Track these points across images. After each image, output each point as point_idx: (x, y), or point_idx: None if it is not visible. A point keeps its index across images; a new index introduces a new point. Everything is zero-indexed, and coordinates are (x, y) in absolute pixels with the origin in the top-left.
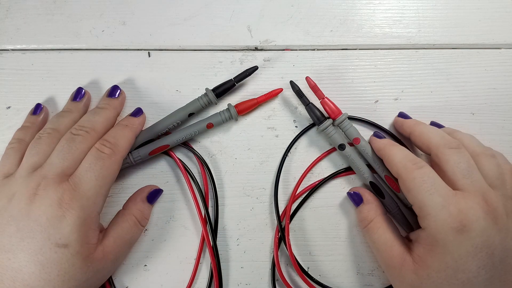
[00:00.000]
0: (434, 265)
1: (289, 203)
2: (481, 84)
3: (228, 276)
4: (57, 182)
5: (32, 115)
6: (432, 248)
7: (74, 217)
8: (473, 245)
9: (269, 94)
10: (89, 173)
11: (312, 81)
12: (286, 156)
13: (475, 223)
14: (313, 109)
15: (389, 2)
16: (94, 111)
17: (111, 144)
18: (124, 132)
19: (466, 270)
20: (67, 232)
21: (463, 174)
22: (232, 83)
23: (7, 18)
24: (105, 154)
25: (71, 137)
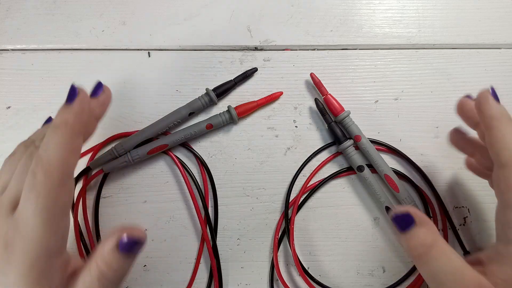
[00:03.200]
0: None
1: (299, 194)
2: (481, 84)
3: (228, 276)
4: (6, 213)
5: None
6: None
7: (17, 262)
8: None
9: (269, 97)
10: (26, 208)
11: (316, 77)
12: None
13: None
14: (335, 128)
15: (389, 2)
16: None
17: (44, 163)
18: (55, 138)
19: None
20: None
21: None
22: (232, 84)
23: (7, 18)
24: (37, 181)
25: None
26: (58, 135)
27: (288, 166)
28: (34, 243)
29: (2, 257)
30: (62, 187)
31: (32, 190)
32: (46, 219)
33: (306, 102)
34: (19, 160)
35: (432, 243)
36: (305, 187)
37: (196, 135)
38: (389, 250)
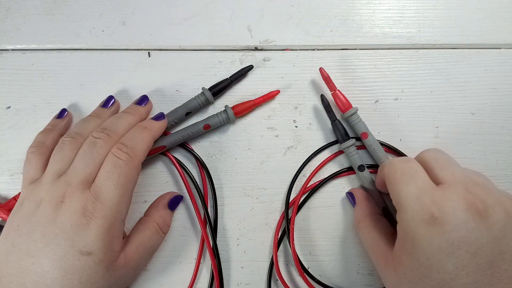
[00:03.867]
0: (407, 262)
1: (299, 194)
2: (481, 84)
3: (228, 276)
4: (80, 189)
5: (56, 119)
6: (404, 243)
7: (97, 226)
8: (448, 240)
9: (266, 96)
10: (108, 182)
11: (325, 72)
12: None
13: (451, 215)
14: (338, 126)
15: (389, 2)
16: (117, 115)
17: (128, 148)
18: (142, 134)
19: (441, 270)
20: (91, 240)
21: (442, 167)
22: (228, 82)
23: (7, 18)
24: (122, 161)
25: (92, 141)
26: (145, 133)
27: (288, 166)
28: (112, 210)
29: (81, 222)
30: (137, 169)
31: (116, 168)
32: (123, 192)
33: (306, 102)
34: (71, 150)
35: (361, 218)
36: (305, 187)
37: (194, 136)
38: None
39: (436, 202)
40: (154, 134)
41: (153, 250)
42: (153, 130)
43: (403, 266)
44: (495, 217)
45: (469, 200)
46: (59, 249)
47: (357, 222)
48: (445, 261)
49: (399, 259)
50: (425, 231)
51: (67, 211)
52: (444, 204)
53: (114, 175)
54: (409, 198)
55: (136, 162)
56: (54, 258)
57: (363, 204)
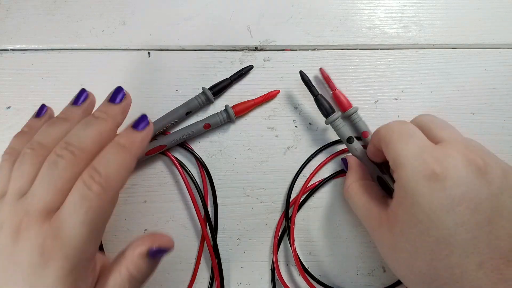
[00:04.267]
0: (405, 219)
1: (299, 194)
2: (481, 84)
3: (228, 276)
4: (39, 221)
5: (33, 118)
6: (402, 200)
7: (56, 267)
8: (449, 196)
9: (266, 96)
10: (73, 218)
11: (325, 72)
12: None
13: (452, 170)
14: (321, 100)
15: (389, 2)
16: (86, 122)
17: (101, 177)
18: (120, 157)
19: (440, 226)
20: (50, 284)
21: (441, 127)
22: (228, 82)
23: (7, 18)
24: (93, 193)
25: (53, 161)
26: (123, 154)
27: (288, 166)
28: (76, 250)
29: (39, 262)
30: (112, 202)
31: (84, 201)
32: (91, 230)
33: (306, 102)
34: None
35: (350, 183)
36: (305, 186)
37: (194, 135)
38: None
39: (437, 159)
40: (135, 153)
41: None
42: (133, 149)
43: (400, 224)
44: (493, 174)
45: (469, 156)
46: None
47: (347, 188)
48: (445, 217)
49: (395, 218)
50: (426, 188)
51: (24, 246)
52: (445, 161)
53: (81, 209)
54: (409, 156)
55: (111, 194)
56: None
57: (353, 169)
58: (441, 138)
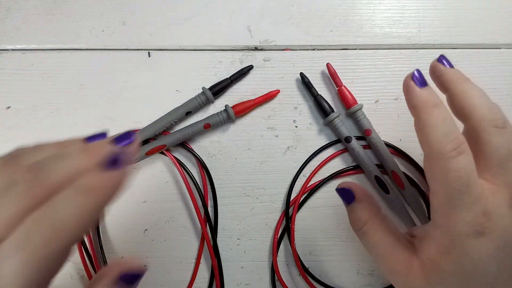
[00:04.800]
0: (448, 269)
1: (300, 193)
2: (481, 84)
3: (228, 276)
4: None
5: None
6: (447, 251)
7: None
8: (495, 246)
9: (266, 96)
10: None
11: (332, 67)
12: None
13: (499, 223)
14: (321, 100)
15: (389, 2)
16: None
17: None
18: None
19: (486, 273)
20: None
21: (500, 162)
22: (228, 82)
23: (7, 18)
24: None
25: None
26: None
27: (288, 166)
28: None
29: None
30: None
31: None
32: (29, 284)
33: (306, 102)
34: None
35: (367, 219)
36: (306, 186)
37: (194, 135)
38: None
39: (487, 213)
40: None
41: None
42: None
43: (441, 272)
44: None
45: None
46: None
47: (363, 224)
48: (491, 264)
49: (435, 266)
50: (475, 241)
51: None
52: (493, 214)
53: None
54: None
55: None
56: None
57: (369, 202)
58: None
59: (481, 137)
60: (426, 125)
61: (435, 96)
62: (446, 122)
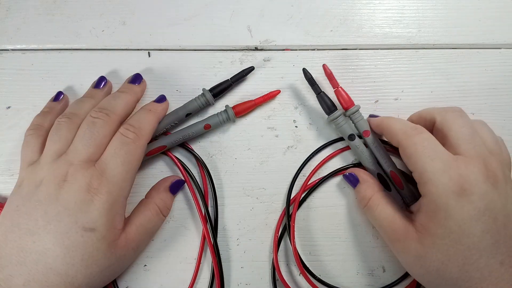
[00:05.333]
0: (437, 231)
1: (300, 191)
2: (481, 84)
3: (228, 276)
4: (84, 168)
5: (52, 101)
6: (434, 215)
7: (102, 201)
8: (475, 208)
9: (266, 96)
10: (115, 159)
11: (328, 69)
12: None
13: (476, 186)
14: (324, 98)
15: (389, 2)
16: (114, 95)
17: (135, 128)
18: (148, 116)
19: (471, 234)
20: (95, 216)
21: (466, 139)
22: (229, 83)
23: (7, 18)
24: (130, 139)
25: (91, 121)
26: (150, 115)
27: (288, 166)
28: (117, 186)
29: (85, 199)
30: (143, 149)
31: (123, 145)
32: (129, 169)
33: (306, 102)
34: (68, 130)
35: (371, 196)
36: (306, 184)
37: (194, 136)
38: (389, 250)
39: (462, 175)
40: (158, 115)
41: (153, 232)
42: (157, 112)
43: (431, 236)
44: (500, 185)
45: (486, 173)
46: (62, 226)
47: (367, 200)
48: (474, 226)
49: (426, 230)
50: (456, 202)
51: (71, 189)
52: (469, 177)
53: (121, 151)
54: (437, 173)
55: (143, 141)
56: (57, 235)
57: (371, 181)
58: (463, 152)
59: (445, 126)
60: (388, 125)
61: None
62: (401, 120)
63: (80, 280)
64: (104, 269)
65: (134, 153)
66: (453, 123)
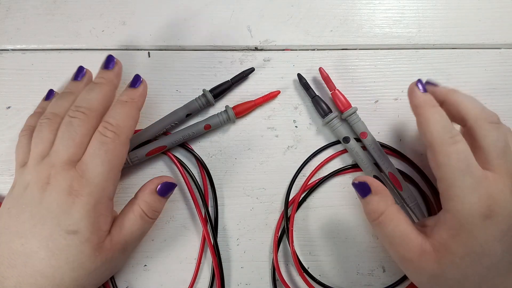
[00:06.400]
0: (458, 251)
1: (299, 192)
2: (481, 84)
3: (228, 276)
4: (65, 169)
5: (44, 101)
6: (456, 233)
7: (83, 203)
8: (500, 229)
9: (266, 96)
10: (94, 159)
11: (324, 72)
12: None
13: (504, 207)
14: (319, 101)
15: (389, 2)
16: (89, 88)
17: (113, 126)
18: (125, 109)
19: (492, 255)
20: (77, 218)
21: (498, 154)
22: (229, 84)
23: (7, 18)
24: (108, 138)
25: (68, 121)
26: (126, 107)
27: (288, 166)
28: (98, 187)
29: (67, 201)
30: (124, 146)
31: (102, 145)
32: (110, 169)
33: (306, 102)
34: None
35: (384, 210)
36: (306, 185)
37: (194, 136)
38: None
39: (491, 196)
40: (136, 105)
41: (140, 234)
42: (134, 101)
43: (451, 255)
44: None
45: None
46: (46, 229)
47: (379, 215)
48: (496, 247)
49: (446, 248)
50: (482, 223)
51: (53, 191)
52: (498, 198)
53: (100, 151)
54: (467, 190)
55: (123, 138)
56: (41, 238)
57: (385, 193)
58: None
59: (478, 134)
60: (427, 120)
61: (434, 100)
62: (443, 118)
63: (68, 283)
64: (91, 271)
65: (114, 151)
66: (488, 135)
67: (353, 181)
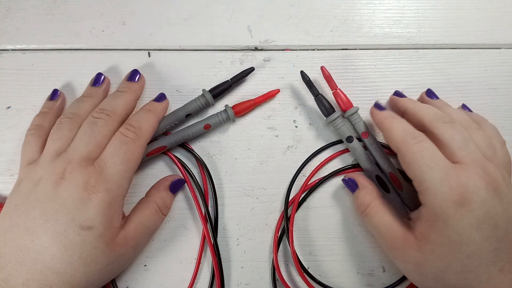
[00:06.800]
0: (437, 240)
1: (299, 192)
2: (481, 84)
3: (228, 276)
4: (82, 166)
5: (49, 101)
6: (433, 223)
7: (99, 200)
8: (475, 217)
9: (266, 95)
10: (114, 157)
11: (326, 71)
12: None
13: (476, 194)
14: (322, 100)
15: (389, 2)
16: (114, 95)
17: (135, 128)
18: (148, 116)
19: (470, 242)
20: (92, 215)
21: (459, 146)
22: (229, 84)
23: (7, 18)
24: (129, 139)
25: (92, 121)
26: (149, 115)
27: (288, 166)
28: (115, 185)
29: (82, 197)
30: (142, 148)
31: (122, 144)
32: (127, 168)
33: (306, 102)
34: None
35: (369, 202)
36: (306, 185)
37: (194, 136)
38: None
39: (462, 184)
40: (158, 115)
41: (152, 230)
42: (157, 112)
43: (430, 244)
44: (502, 190)
45: (486, 179)
46: (59, 224)
47: (365, 207)
48: (474, 234)
49: (426, 239)
50: (456, 211)
51: (68, 186)
52: (468, 185)
53: (120, 150)
54: (436, 182)
55: (142, 141)
56: (54, 233)
57: (370, 188)
58: (460, 158)
59: (436, 133)
60: (389, 128)
61: (392, 113)
62: (403, 123)
63: (79, 279)
64: (103, 267)
65: (133, 152)
66: (445, 132)
67: (343, 178)
